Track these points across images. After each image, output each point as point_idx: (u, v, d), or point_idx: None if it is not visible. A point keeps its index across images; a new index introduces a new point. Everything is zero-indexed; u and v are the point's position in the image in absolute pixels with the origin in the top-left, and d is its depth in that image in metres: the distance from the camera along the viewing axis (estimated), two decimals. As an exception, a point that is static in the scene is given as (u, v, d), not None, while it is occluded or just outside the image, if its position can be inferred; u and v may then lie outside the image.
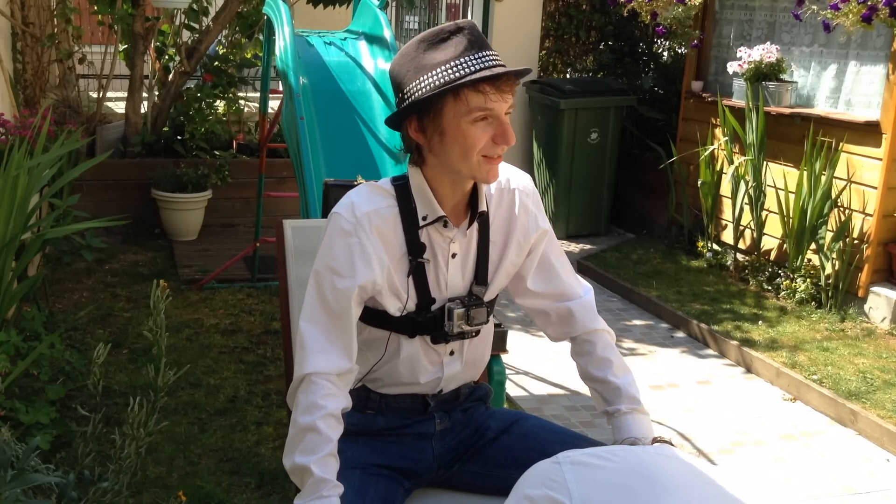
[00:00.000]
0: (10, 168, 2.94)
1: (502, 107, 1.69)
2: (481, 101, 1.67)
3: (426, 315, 1.83)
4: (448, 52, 1.68)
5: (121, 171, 5.93)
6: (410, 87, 1.71)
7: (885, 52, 4.75)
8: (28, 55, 5.53)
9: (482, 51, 1.68)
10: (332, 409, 1.72)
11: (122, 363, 3.93)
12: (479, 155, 1.71)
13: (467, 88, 1.66)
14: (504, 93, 1.68)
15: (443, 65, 1.67)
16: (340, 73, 4.39)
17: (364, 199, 1.78)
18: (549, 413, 3.79)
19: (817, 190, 4.90)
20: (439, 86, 1.66)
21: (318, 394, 1.72)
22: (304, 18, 6.07)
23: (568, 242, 6.54)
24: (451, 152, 1.72)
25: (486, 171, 1.73)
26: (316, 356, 1.74)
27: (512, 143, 1.72)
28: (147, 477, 3.04)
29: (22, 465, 1.77)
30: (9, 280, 3.01)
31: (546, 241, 1.97)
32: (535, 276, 1.97)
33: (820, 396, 3.99)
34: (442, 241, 1.82)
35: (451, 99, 1.67)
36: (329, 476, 1.68)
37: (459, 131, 1.69)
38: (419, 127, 1.74)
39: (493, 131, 1.70)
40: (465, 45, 1.68)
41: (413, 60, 1.71)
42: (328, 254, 1.76)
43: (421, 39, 1.72)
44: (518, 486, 1.39)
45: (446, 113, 1.69)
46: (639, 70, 7.32)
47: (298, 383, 1.75)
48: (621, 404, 1.92)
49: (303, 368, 1.75)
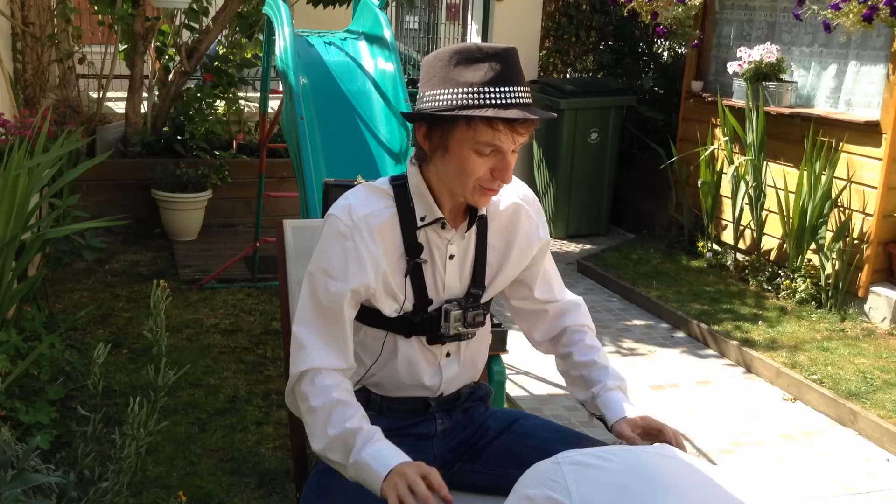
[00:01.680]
0: (10, 168, 2.94)
1: (511, 145, 1.68)
2: (490, 137, 1.66)
3: (423, 316, 1.84)
4: (477, 76, 1.65)
5: (121, 171, 5.93)
6: (431, 93, 1.70)
7: (885, 52, 4.75)
8: (28, 55, 5.53)
9: (511, 85, 1.65)
10: (346, 386, 1.74)
11: (122, 363, 3.93)
12: (475, 182, 1.71)
13: (480, 121, 1.64)
14: (518, 134, 1.67)
15: (467, 86, 1.65)
16: (340, 73, 4.39)
17: (361, 201, 1.78)
18: (549, 413, 3.79)
19: (817, 190, 4.90)
20: (454, 107, 1.65)
21: (324, 381, 1.72)
22: (304, 18, 6.07)
23: (568, 242, 6.55)
24: (449, 170, 1.72)
25: (479, 197, 1.74)
26: (311, 353, 1.74)
27: (508, 182, 1.72)
28: (147, 477, 3.04)
29: (22, 465, 1.77)
30: (9, 280, 3.01)
31: (547, 251, 2.00)
32: (540, 286, 2.00)
33: (820, 396, 3.99)
34: (440, 243, 1.82)
35: (463, 124, 1.66)
36: (375, 428, 1.68)
37: (461, 156, 1.69)
38: (427, 135, 1.74)
39: (493, 164, 1.69)
40: (495, 74, 1.65)
41: (443, 69, 1.69)
42: (322, 256, 1.76)
43: (458, 51, 1.69)
44: (517, 486, 1.39)
45: (454, 134, 1.68)
46: (639, 70, 7.32)
47: (296, 380, 1.75)
48: (608, 380, 1.92)
49: (299, 366, 1.74)
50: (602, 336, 4.74)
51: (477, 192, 1.72)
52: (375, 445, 1.65)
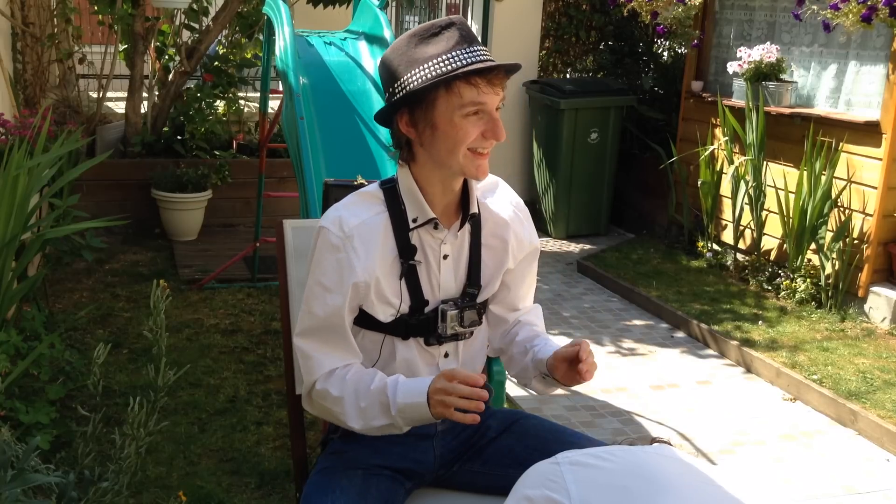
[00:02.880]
0: (10, 168, 2.94)
1: (494, 101, 1.71)
2: (473, 95, 1.68)
3: (419, 317, 1.84)
4: (440, 46, 1.70)
5: (121, 171, 5.93)
6: (403, 80, 1.72)
7: (885, 52, 4.75)
8: (28, 55, 5.53)
9: (472, 45, 1.70)
10: (356, 367, 1.81)
11: (122, 363, 3.93)
12: (466, 149, 1.72)
13: (459, 81, 1.68)
14: (495, 86, 1.70)
15: (435, 58, 1.69)
16: (340, 73, 4.39)
17: (351, 211, 1.79)
18: (549, 413, 3.79)
19: (817, 190, 4.90)
20: (432, 78, 1.68)
21: (335, 373, 1.79)
22: (304, 18, 6.07)
23: (568, 242, 6.55)
24: (440, 146, 1.73)
25: (475, 166, 1.75)
26: (320, 360, 1.79)
27: (502, 139, 1.74)
28: (147, 477, 3.04)
29: (22, 465, 1.77)
30: (9, 280, 3.01)
31: (535, 259, 2.00)
32: (523, 292, 2.01)
33: (820, 396, 3.99)
34: (433, 243, 1.83)
35: (444, 91, 1.69)
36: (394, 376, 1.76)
37: (451, 124, 1.70)
38: (410, 120, 1.75)
39: (483, 126, 1.71)
40: (457, 39, 1.70)
41: (405, 54, 1.72)
42: (317, 269, 1.79)
43: (413, 34, 1.74)
44: (517, 486, 1.39)
45: (438, 105, 1.70)
46: (639, 70, 7.32)
47: (311, 387, 1.79)
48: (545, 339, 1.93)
49: (311, 375, 1.79)
50: (602, 336, 4.74)
51: (472, 159, 1.73)
52: (402, 387, 1.72)
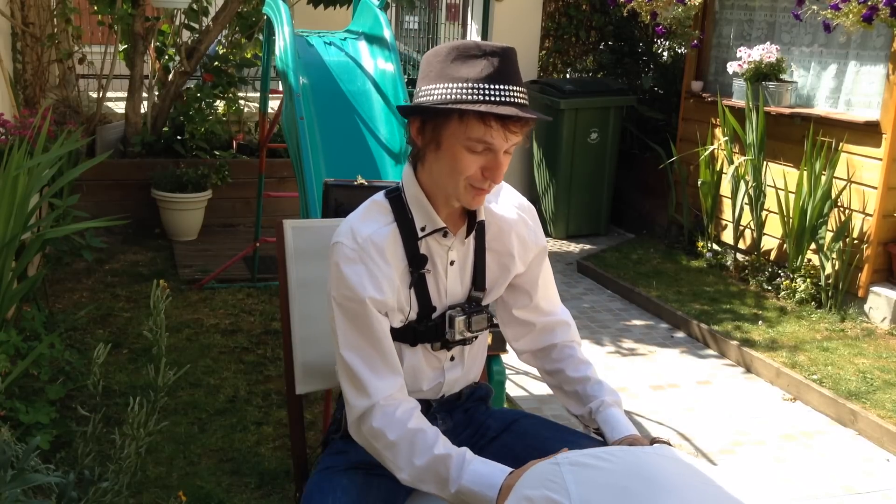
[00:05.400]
0: (10, 168, 2.93)
1: (503, 144, 1.66)
2: (481, 133, 1.64)
3: (427, 323, 1.84)
4: (472, 72, 1.64)
5: (121, 171, 5.93)
6: (426, 88, 1.69)
7: (885, 52, 4.75)
8: (28, 55, 5.53)
9: (507, 84, 1.64)
10: (416, 411, 1.74)
11: (122, 363, 3.93)
12: (465, 181, 1.69)
13: (473, 115, 1.63)
14: (512, 132, 1.65)
15: (462, 82, 1.64)
16: (340, 73, 4.39)
17: (362, 221, 1.77)
18: (549, 413, 3.79)
19: (817, 190, 4.90)
20: (448, 101, 1.64)
21: (395, 412, 1.71)
22: (304, 18, 6.07)
23: (568, 242, 6.55)
24: (441, 168, 1.71)
25: (471, 197, 1.72)
26: (371, 384, 1.72)
27: (497, 183, 1.71)
28: (147, 477, 3.04)
29: (22, 465, 1.77)
30: (9, 280, 3.01)
31: (545, 258, 1.99)
32: (540, 294, 1.99)
33: (820, 396, 3.99)
34: (440, 250, 1.82)
35: (456, 119, 1.65)
36: (463, 450, 1.68)
37: (452, 152, 1.68)
38: (420, 130, 1.73)
39: (484, 163, 1.68)
40: (492, 71, 1.63)
41: (440, 64, 1.68)
42: (341, 283, 1.73)
43: (455, 47, 1.68)
44: (517, 486, 1.39)
45: (446, 129, 1.67)
46: (639, 70, 7.32)
47: (363, 416, 1.73)
48: (604, 396, 1.92)
49: (362, 401, 1.72)
50: (602, 336, 4.74)
51: (468, 191, 1.71)
52: (471, 468, 1.65)
